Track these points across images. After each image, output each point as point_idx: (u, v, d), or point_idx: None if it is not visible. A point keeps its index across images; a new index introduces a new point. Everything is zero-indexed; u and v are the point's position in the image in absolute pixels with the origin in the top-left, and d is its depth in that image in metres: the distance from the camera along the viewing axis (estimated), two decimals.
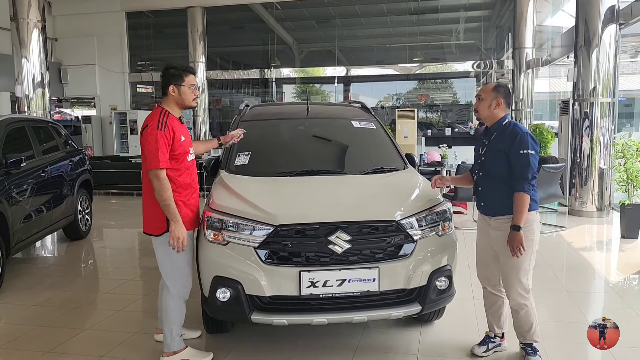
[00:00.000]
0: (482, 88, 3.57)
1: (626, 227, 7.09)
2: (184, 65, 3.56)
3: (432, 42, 17.63)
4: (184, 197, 3.47)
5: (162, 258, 3.50)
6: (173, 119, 3.45)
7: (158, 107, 3.51)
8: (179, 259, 3.46)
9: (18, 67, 10.21)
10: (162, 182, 3.31)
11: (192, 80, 3.51)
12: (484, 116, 3.52)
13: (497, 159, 3.42)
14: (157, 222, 3.42)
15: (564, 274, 5.67)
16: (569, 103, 8.80)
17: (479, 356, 3.66)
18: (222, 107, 18.93)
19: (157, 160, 3.29)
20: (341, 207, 3.56)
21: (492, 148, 3.47)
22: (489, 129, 3.54)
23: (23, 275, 5.77)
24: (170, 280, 3.50)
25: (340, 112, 5.41)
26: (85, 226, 7.48)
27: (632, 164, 7.24)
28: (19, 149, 5.90)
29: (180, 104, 3.51)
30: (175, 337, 3.52)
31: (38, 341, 3.99)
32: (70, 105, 18.18)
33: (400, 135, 11.53)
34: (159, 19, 16.38)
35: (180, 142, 3.42)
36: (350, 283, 3.30)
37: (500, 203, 3.41)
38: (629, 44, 12.58)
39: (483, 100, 3.50)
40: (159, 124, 3.34)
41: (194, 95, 3.53)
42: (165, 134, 3.32)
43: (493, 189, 3.46)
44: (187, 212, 3.49)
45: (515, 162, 3.32)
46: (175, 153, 3.40)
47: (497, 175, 3.43)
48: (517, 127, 3.43)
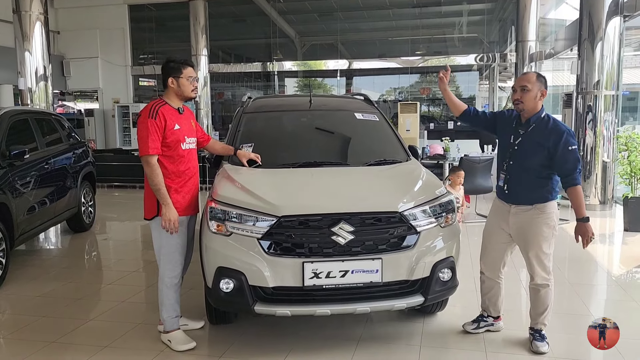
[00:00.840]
0: (525, 78, 3.46)
1: (629, 220, 7.09)
2: (183, 59, 3.71)
3: (434, 35, 17.57)
4: (176, 184, 3.62)
5: (155, 241, 3.70)
6: (168, 109, 3.61)
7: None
8: (169, 244, 3.62)
9: (21, 60, 10.19)
10: (152, 168, 3.49)
11: (190, 72, 3.66)
12: (529, 108, 3.43)
13: (536, 152, 3.42)
14: (149, 206, 3.63)
15: (567, 267, 5.67)
16: (572, 96, 8.78)
17: (469, 332, 3.82)
18: (225, 101, 18.92)
19: (146, 147, 3.48)
20: (344, 198, 3.57)
21: (531, 140, 3.44)
22: (527, 120, 3.49)
23: (27, 266, 5.80)
24: (161, 263, 3.70)
25: (343, 104, 5.40)
26: (89, 218, 7.50)
27: (635, 157, 7.22)
28: (22, 141, 5.90)
29: (179, 95, 3.68)
30: (167, 319, 3.71)
31: (42, 332, 4.01)
32: (73, 99, 18.21)
33: (402, 129, 11.51)
34: (161, 11, 16.35)
35: (172, 131, 3.57)
36: (353, 274, 3.31)
37: (526, 193, 3.48)
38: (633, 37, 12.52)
39: (529, 91, 3.40)
40: (150, 113, 3.52)
41: (193, 87, 3.69)
42: (156, 122, 3.50)
43: (524, 179, 3.48)
44: (179, 199, 3.62)
45: (565, 158, 3.34)
46: (167, 140, 3.55)
47: (530, 167, 3.44)
48: (558, 123, 3.45)
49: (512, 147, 3.54)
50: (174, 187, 3.60)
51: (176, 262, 3.67)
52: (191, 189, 3.73)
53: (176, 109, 3.67)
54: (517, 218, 3.53)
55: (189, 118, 3.82)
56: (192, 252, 3.93)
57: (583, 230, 3.37)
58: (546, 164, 3.41)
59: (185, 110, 3.78)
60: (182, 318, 3.88)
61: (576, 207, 3.38)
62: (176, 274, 3.69)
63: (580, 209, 3.36)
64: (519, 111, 3.50)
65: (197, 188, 3.83)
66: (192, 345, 3.66)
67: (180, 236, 3.65)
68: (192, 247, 3.93)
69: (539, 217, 3.47)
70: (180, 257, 3.69)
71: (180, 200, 3.63)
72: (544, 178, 3.46)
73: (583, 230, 3.37)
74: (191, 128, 3.79)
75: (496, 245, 3.69)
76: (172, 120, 3.58)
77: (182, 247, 3.70)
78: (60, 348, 3.74)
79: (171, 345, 3.67)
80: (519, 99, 3.43)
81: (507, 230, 3.61)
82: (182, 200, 3.65)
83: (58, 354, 3.66)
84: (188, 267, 3.98)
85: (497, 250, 3.70)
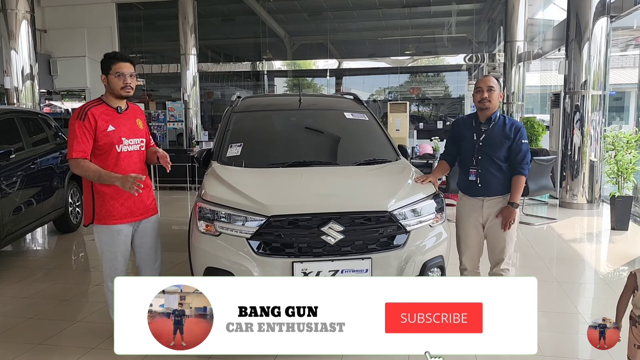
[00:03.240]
0: (490, 79, 3.74)
1: (616, 219, 7.15)
2: (115, 52, 3.46)
3: (424, 35, 17.63)
4: (111, 190, 3.35)
5: (97, 246, 3.54)
6: (103, 109, 3.38)
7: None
8: (108, 252, 3.46)
9: (7, 58, 10.09)
10: (81, 168, 3.32)
11: (119, 67, 3.35)
12: (494, 106, 3.72)
13: (502, 143, 3.71)
14: (85, 212, 3.49)
15: (555, 265, 5.71)
16: (560, 96, 8.83)
17: None
18: (214, 100, 18.83)
19: (71, 150, 3.31)
20: (334, 197, 3.56)
21: (495, 134, 3.73)
22: (489, 118, 3.75)
23: (13, 268, 5.73)
24: (104, 269, 3.54)
25: (333, 104, 5.39)
26: (76, 219, 7.42)
27: (622, 156, 7.29)
28: (8, 140, 5.84)
29: (112, 93, 3.42)
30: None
31: (29, 333, 3.97)
32: (60, 98, 18.02)
33: (392, 128, 11.52)
34: (149, 10, 16.23)
35: (105, 133, 3.32)
36: (343, 274, 3.31)
37: (497, 184, 3.73)
38: (620, 38, 12.66)
39: (494, 91, 3.69)
40: (79, 114, 3.31)
41: (123, 84, 3.35)
42: (84, 124, 3.28)
43: (494, 171, 3.73)
44: (116, 205, 3.38)
45: (519, 148, 3.69)
46: (99, 144, 3.33)
47: (499, 158, 3.71)
48: (514, 120, 3.85)
49: (477, 144, 3.77)
50: (109, 193, 3.35)
51: (116, 269, 3.45)
52: (132, 194, 3.30)
53: (114, 108, 3.41)
54: (491, 210, 3.75)
55: (133, 118, 3.50)
56: (159, 257, 3.71)
57: (508, 212, 3.68)
58: (508, 155, 3.72)
59: (129, 109, 3.51)
60: None
61: (513, 193, 3.69)
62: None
63: (515, 195, 3.68)
64: (484, 109, 3.72)
65: (144, 192, 3.43)
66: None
67: (120, 245, 3.44)
68: (158, 251, 3.69)
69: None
70: (121, 266, 3.47)
71: (117, 207, 3.38)
72: (508, 170, 3.73)
73: (508, 213, 3.68)
74: (134, 129, 3.48)
75: (474, 239, 3.86)
76: (105, 121, 3.33)
77: (123, 256, 3.48)
78: (47, 350, 3.70)
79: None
80: (487, 97, 3.68)
81: (482, 222, 3.80)
82: (119, 207, 3.39)
83: (45, 356, 3.62)
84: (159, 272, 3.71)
85: (477, 243, 3.87)
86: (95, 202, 3.41)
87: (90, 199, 3.42)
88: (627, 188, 7.37)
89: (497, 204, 3.73)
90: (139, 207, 3.49)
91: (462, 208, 3.90)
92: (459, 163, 4.00)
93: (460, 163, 3.95)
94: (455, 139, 3.97)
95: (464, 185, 3.88)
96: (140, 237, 3.56)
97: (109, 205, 3.37)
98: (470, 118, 3.90)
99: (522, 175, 3.68)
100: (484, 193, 3.75)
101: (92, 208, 3.41)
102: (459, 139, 3.93)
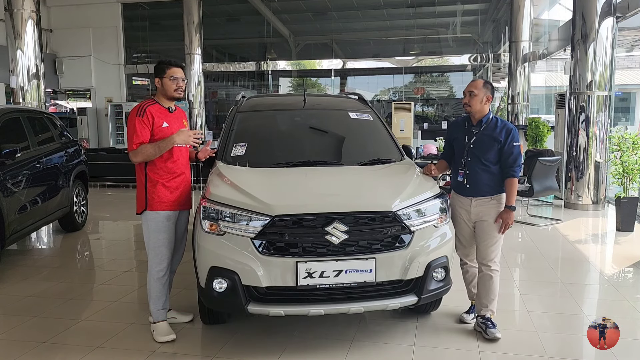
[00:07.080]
0: (473, 84, 3.83)
1: (621, 220, 7.12)
2: (169, 59, 3.84)
3: (429, 35, 17.59)
4: (164, 180, 3.74)
5: (144, 235, 3.82)
6: (158, 108, 3.76)
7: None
8: (156, 239, 3.74)
9: (13, 58, 10.11)
10: (141, 154, 3.63)
11: (173, 72, 3.76)
12: (476, 110, 3.81)
13: (492, 146, 3.77)
14: (139, 201, 3.77)
15: (560, 267, 5.69)
16: (565, 96, 8.80)
17: (468, 323, 4.00)
18: (218, 100, 18.85)
19: (131, 143, 3.66)
20: (338, 197, 3.56)
21: (485, 137, 3.80)
22: (479, 121, 3.84)
23: (19, 266, 5.75)
24: (149, 256, 3.81)
25: (337, 104, 5.39)
26: (81, 218, 7.46)
27: (628, 157, 7.26)
28: (14, 139, 5.86)
29: (165, 95, 3.80)
30: (154, 310, 3.83)
31: (34, 332, 3.98)
32: (66, 97, 18.09)
33: (396, 129, 11.53)
34: (154, 10, 16.28)
35: (160, 128, 3.70)
36: (347, 274, 3.30)
37: (485, 186, 3.80)
38: (626, 38, 12.59)
39: (476, 95, 3.78)
40: (138, 111, 3.68)
41: (176, 86, 3.77)
42: (143, 120, 3.66)
43: (481, 173, 3.80)
44: (166, 193, 3.74)
45: (510, 150, 3.74)
46: (155, 138, 3.69)
47: (487, 160, 3.78)
48: (506, 122, 3.88)
49: (467, 146, 3.85)
50: (161, 182, 3.72)
51: (163, 256, 3.77)
52: (180, 185, 3.81)
53: (166, 108, 3.81)
54: (479, 209, 3.83)
55: (180, 118, 3.93)
56: (184, 248, 4.03)
57: (506, 215, 3.74)
58: (498, 157, 3.78)
59: (177, 110, 3.91)
60: (172, 311, 4.05)
61: (508, 196, 3.76)
62: (162, 267, 3.78)
63: (511, 198, 3.75)
64: (468, 113, 3.87)
65: (187, 185, 3.90)
66: (171, 337, 3.77)
67: (166, 231, 3.76)
68: (184, 242, 4.02)
69: (497, 206, 3.80)
70: (166, 252, 3.79)
71: (168, 195, 3.74)
72: (498, 172, 3.80)
73: (506, 216, 3.74)
74: (182, 127, 3.87)
75: (466, 234, 3.94)
76: (161, 118, 3.72)
77: (169, 242, 3.79)
78: (51, 348, 3.71)
79: (154, 335, 3.79)
80: (467, 102, 3.82)
81: (471, 220, 3.88)
82: (170, 195, 3.75)
83: (49, 355, 3.62)
84: (179, 262, 4.07)
85: (470, 237, 3.95)
86: (147, 189, 3.73)
87: (143, 187, 3.74)
88: (633, 189, 7.34)
89: (485, 204, 3.80)
90: (183, 198, 3.86)
91: (454, 205, 4.00)
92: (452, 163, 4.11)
93: (453, 163, 4.07)
94: (450, 140, 4.09)
95: (454, 184, 4.00)
96: (176, 226, 3.86)
97: (160, 193, 3.71)
98: (464, 120, 4.00)
99: (514, 177, 3.75)
100: (472, 193, 3.84)
101: (144, 196, 3.73)
102: (452, 140, 4.05)
